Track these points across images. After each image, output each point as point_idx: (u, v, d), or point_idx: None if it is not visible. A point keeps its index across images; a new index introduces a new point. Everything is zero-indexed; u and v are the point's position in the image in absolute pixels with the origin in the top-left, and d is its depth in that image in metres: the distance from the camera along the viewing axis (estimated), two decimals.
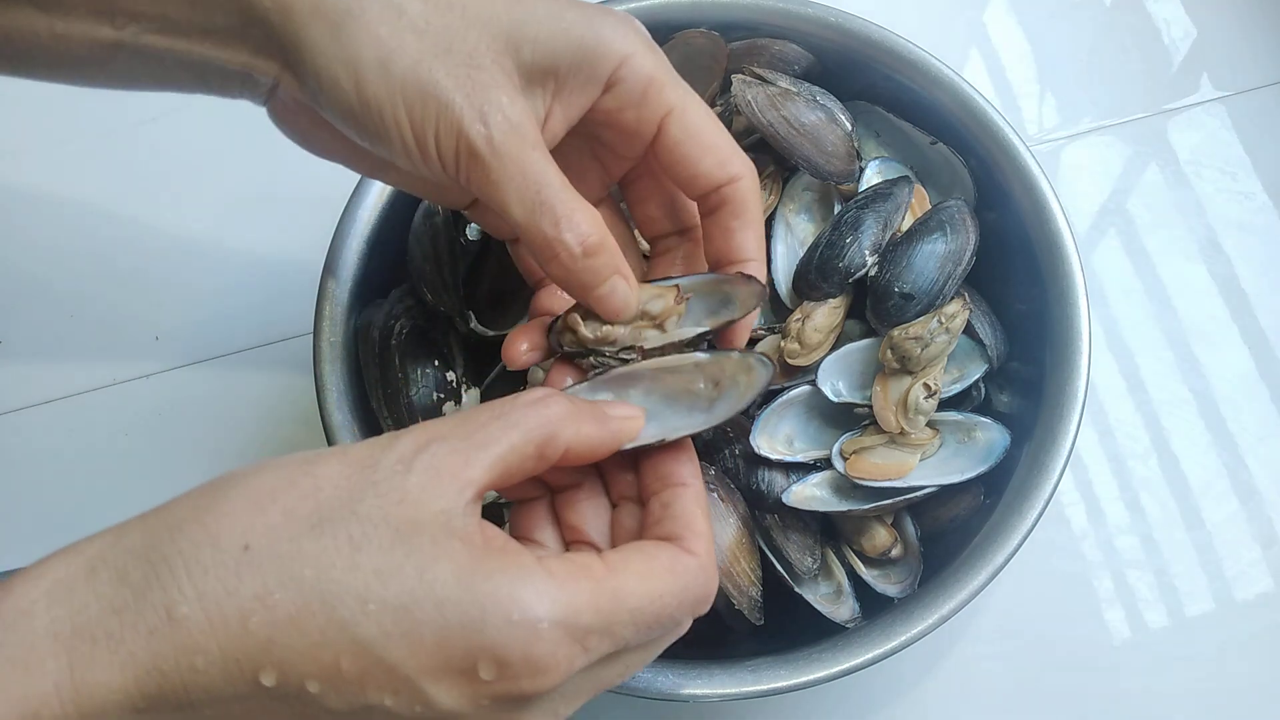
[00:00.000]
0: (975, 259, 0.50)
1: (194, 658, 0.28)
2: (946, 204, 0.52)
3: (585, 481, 0.38)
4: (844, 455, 0.49)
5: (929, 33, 0.55)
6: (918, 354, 0.48)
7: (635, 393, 0.39)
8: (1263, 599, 0.58)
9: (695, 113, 0.38)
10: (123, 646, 0.28)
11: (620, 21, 0.38)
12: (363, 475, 0.31)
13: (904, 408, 0.48)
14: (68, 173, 0.67)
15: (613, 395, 0.38)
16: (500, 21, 0.36)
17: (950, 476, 0.49)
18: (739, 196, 0.39)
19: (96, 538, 0.31)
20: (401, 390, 0.49)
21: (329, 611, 0.29)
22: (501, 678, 0.29)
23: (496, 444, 0.32)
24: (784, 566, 0.48)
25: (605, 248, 0.36)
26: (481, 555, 0.30)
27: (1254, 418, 0.62)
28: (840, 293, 0.51)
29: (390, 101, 0.35)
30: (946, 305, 0.49)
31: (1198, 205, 0.66)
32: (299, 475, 0.31)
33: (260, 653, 0.29)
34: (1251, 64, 0.70)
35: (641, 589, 0.32)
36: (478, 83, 0.35)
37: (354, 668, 0.29)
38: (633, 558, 0.33)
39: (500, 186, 0.35)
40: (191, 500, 0.31)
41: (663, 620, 0.33)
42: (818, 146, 0.52)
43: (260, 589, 0.29)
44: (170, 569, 0.29)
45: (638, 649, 0.34)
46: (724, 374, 0.39)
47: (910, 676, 0.56)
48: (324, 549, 0.29)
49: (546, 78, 0.37)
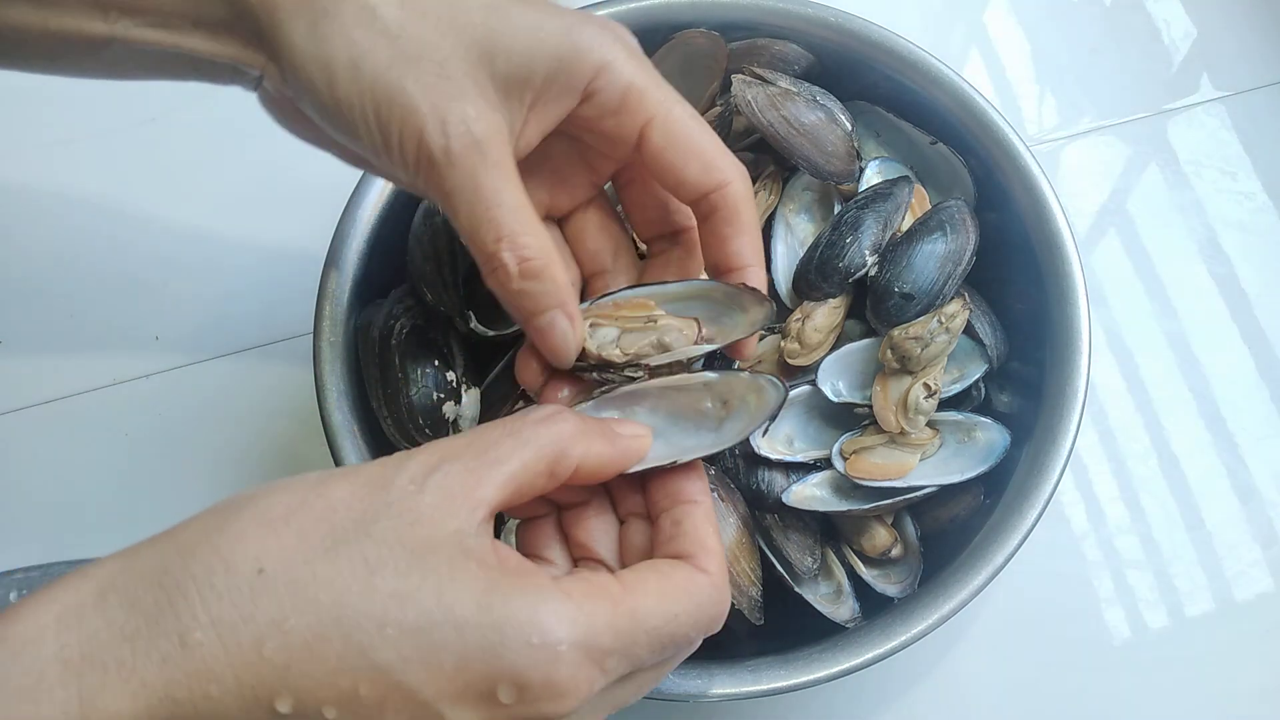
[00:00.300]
0: (975, 259, 0.50)
1: (208, 685, 0.28)
2: (946, 204, 0.52)
3: (593, 499, 0.37)
4: (844, 455, 0.49)
5: (929, 33, 0.55)
6: (918, 354, 0.48)
7: (641, 410, 0.39)
8: (1263, 599, 0.58)
9: (678, 120, 0.38)
10: (135, 675, 0.28)
11: (600, 29, 0.37)
12: (375, 496, 0.31)
13: (904, 408, 0.48)
14: (68, 172, 0.67)
15: (619, 414, 0.38)
16: (475, 31, 0.36)
17: (950, 476, 0.49)
18: (728, 203, 0.39)
19: (106, 561, 0.30)
20: (401, 390, 0.49)
21: (346, 637, 0.29)
22: (521, 701, 0.29)
23: (508, 462, 0.32)
24: (784, 566, 0.48)
25: (546, 275, 0.36)
26: (498, 577, 0.30)
27: (1254, 418, 0.62)
28: (840, 293, 0.51)
29: (360, 102, 0.35)
30: (946, 305, 0.49)
31: (1198, 205, 0.66)
32: (311, 496, 0.31)
33: (276, 680, 0.28)
34: (1251, 64, 0.70)
35: (658, 609, 0.32)
36: (444, 92, 0.35)
37: (372, 693, 0.29)
38: (648, 577, 0.33)
39: (452, 196, 0.35)
40: (202, 522, 0.31)
41: (677, 640, 0.33)
42: (818, 146, 0.52)
43: (276, 614, 0.29)
44: (184, 594, 0.29)
45: (651, 668, 0.34)
46: (733, 394, 0.39)
47: (910, 676, 0.56)
48: (339, 572, 0.29)
49: (522, 88, 0.36)
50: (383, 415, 0.49)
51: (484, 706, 0.29)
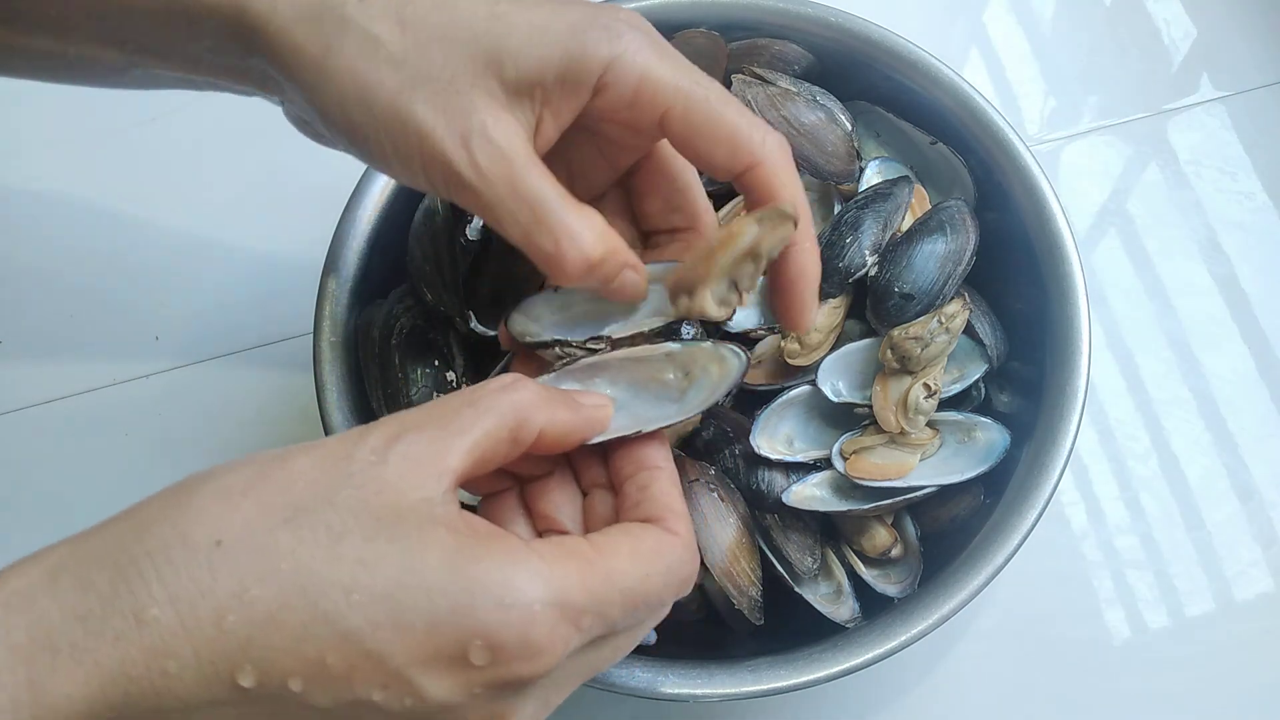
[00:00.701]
0: (975, 259, 0.50)
1: (165, 662, 0.27)
2: (946, 204, 0.52)
3: (555, 470, 0.37)
4: (844, 455, 0.49)
5: (929, 33, 0.55)
6: (918, 354, 0.48)
7: (601, 381, 0.38)
8: (1263, 599, 0.58)
9: (699, 106, 0.37)
10: (88, 655, 0.27)
11: (611, 21, 0.37)
12: (337, 467, 0.30)
13: (904, 408, 0.48)
14: (67, 173, 0.67)
15: (579, 386, 0.38)
16: (480, 42, 0.35)
17: (950, 476, 0.49)
18: (760, 184, 0.38)
19: (60, 544, 0.29)
20: (401, 390, 0.49)
21: (311, 605, 0.28)
22: (495, 662, 0.29)
23: (471, 431, 0.32)
24: (784, 566, 0.48)
25: (611, 256, 0.36)
26: (468, 540, 0.30)
27: (1254, 418, 0.62)
28: (840, 293, 0.51)
29: (375, 134, 0.35)
30: (946, 305, 0.49)
31: (1198, 205, 0.66)
32: (271, 469, 0.30)
33: (238, 652, 0.28)
34: (1251, 64, 0.70)
35: (632, 570, 0.32)
36: (458, 108, 0.35)
37: (340, 662, 0.28)
38: (620, 539, 0.33)
39: (493, 209, 0.35)
40: (159, 500, 0.30)
41: (650, 601, 0.33)
42: (818, 146, 0.52)
43: (236, 586, 0.28)
44: (139, 570, 0.28)
45: (624, 632, 0.34)
46: (695, 364, 0.39)
47: (910, 677, 0.56)
48: (302, 540, 0.29)
49: (533, 89, 0.36)
50: (383, 415, 0.49)
51: (457, 671, 0.29)
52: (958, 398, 0.52)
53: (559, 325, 0.40)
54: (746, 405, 0.51)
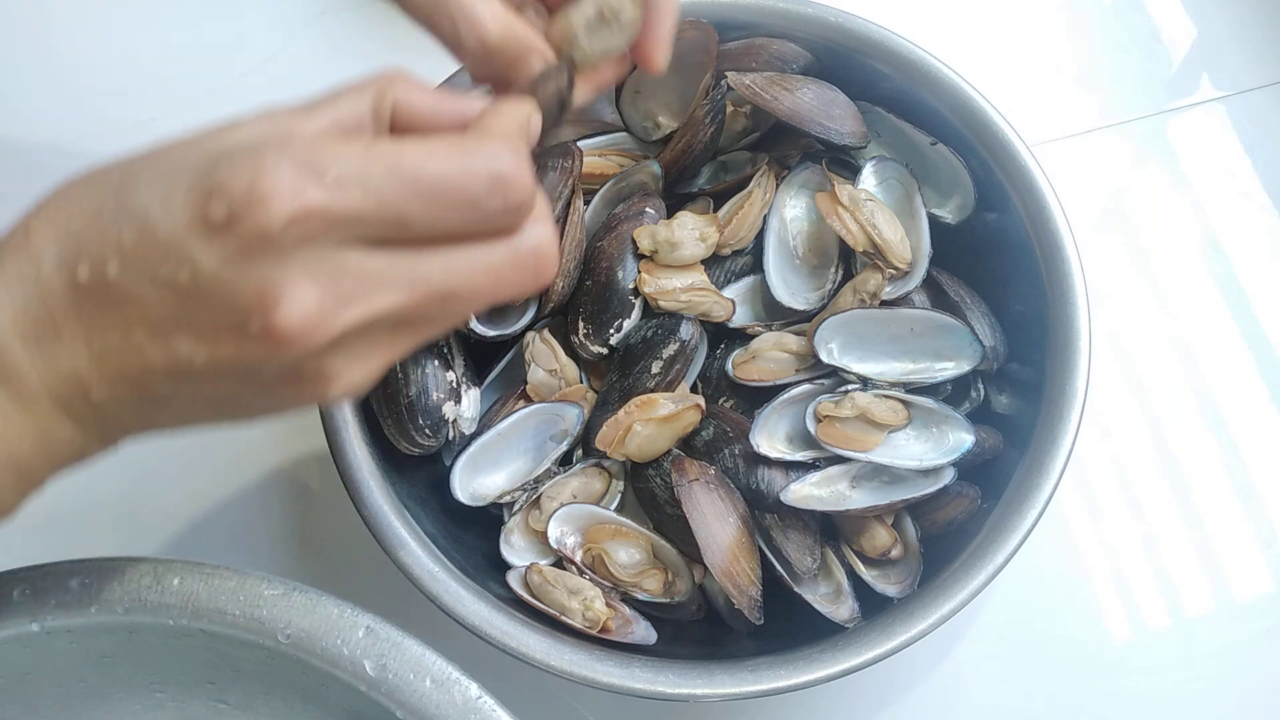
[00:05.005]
0: None
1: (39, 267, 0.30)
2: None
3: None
4: (818, 417, 0.49)
5: (929, 33, 0.55)
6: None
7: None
8: (1263, 599, 0.58)
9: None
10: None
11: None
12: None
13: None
14: (67, 173, 0.67)
15: None
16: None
17: (908, 461, 0.49)
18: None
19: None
20: (401, 390, 0.49)
21: (117, 193, 0.30)
22: (232, 217, 0.28)
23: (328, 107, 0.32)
24: (784, 566, 0.48)
25: (509, 41, 0.36)
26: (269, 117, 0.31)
27: (1254, 418, 0.62)
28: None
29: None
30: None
31: (1198, 205, 0.66)
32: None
33: (76, 250, 0.30)
34: (1251, 64, 0.70)
35: (411, 147, 0.30)
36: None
37: (131, 239, 0.29)
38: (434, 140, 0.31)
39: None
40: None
41: (446, 190, 0.30)
42: (825, 113, 0.52)
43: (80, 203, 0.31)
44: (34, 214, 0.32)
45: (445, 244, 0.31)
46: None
47: (910, 677, 0.56)
48: (129, 161, 0.31)
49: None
50: (382, 415, 0.49)
51: (212, 234, 0.29)
52: (955, 396, 0.53)
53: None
54: (746, 405, 0.51)
